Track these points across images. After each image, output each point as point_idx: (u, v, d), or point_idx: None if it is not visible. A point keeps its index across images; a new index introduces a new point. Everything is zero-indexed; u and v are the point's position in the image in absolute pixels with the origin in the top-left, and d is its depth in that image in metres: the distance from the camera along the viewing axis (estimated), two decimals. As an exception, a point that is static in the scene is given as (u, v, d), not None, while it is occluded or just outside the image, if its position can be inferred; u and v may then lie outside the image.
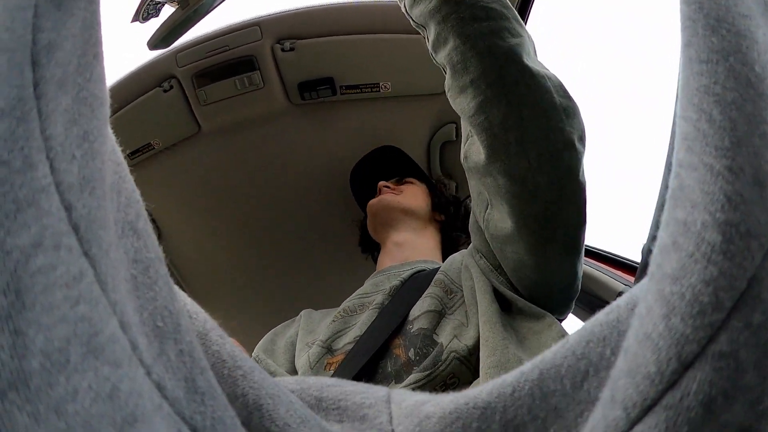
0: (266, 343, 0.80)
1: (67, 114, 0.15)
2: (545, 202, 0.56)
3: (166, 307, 0.17)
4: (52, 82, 0.15)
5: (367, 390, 0.26)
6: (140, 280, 0.17)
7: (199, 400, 0.16)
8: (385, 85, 1.07)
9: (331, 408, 0.25)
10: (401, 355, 0.62)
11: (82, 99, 0.16)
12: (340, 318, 0.74)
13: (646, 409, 0.17)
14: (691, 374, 0.16)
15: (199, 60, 0.99)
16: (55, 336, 0.13)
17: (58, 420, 0.12)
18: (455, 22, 0.54)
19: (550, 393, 0.22)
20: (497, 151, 0.56)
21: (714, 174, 0.17)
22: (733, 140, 0.17)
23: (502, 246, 0.64)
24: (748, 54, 0.18)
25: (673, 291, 0.17)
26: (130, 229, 0.18)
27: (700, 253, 0.17)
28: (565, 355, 0.23)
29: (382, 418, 0.24)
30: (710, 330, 0.16)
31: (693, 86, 0.19)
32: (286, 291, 1.32)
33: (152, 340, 0.16)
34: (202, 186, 1.17)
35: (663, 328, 0.17)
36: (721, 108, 0.18)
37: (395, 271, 0.84)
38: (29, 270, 0.13)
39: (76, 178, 0.15)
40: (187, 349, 0.17)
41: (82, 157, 0.15)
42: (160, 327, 0.17)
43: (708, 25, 0.19)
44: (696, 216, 0.17)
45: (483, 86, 0.54)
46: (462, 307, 0.66)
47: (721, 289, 0.16)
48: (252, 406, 0.20)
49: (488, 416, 0.22)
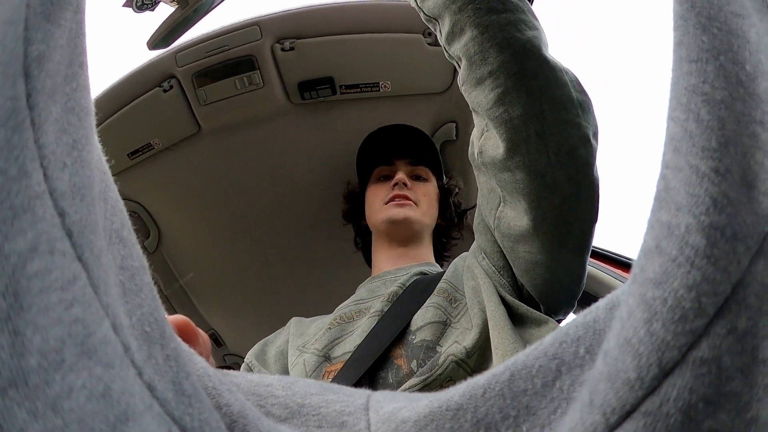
0: (258, 351, 0.80)
1: (57, 123, 0.16)
2: (563, 197, 0.56)
3: (151, 314, 0.18)
4: (43, 93, 0.15)
5: (347, 398, 0.27)
6: (128, 287, 0.17)
7: (186, 402, 0.17)
8: (384, 85, 1.07)
9: (312, 414, 0.25)
10: (403, 366, 0.61)
11: (70, 108, 0.16)
12: (337, 325, 0.73)
13: (625, 414, 0.16)
14: (671, 381, 0.16)
15: (199, 60, 0.99)
16: (50, 336, 0.13)
17: (54, 416, 0.13)
18: (472, 13, 0.53)
19: (520, 392, 0.22)
20: (517, 144, 0.55)
21: (699, 176, 0.17)
22: (720, 141, 0.17)
23: (514, 245, 0.62)
24: (739, 53, 0.18)
25: (655, 296, 0.17)
26: (117, 237, 0.18)
27: (683, 257, 0.16)
28: (537, 356, 0.23)
29: (360, 425, 0.24)
30: (692, 336, 0.16)
31: (682, 85, 0.18)
32: (286, 290, 1.32)
33: (141, 344, 0.16)
34: (201, 186, 1.17)
35: (644, 334, 0.17)
36: (709, 107, 0.17)
37: (391, 276, 0.83)
38: (26, 273, 0.13)
39: (68, 186, 0.15)
40: (173, 354, 0.18)
41: (73, 165, 0.16)
42: (148, 332, 0.17)
43: (699, 24, 0.19)
44: (680, 219, 0.17)
45: (503, 78, 0.54)
46: (466, 315, 0.65)
47: (704, 295, 0.16)
48: (236, 415, 0.21)
49: (460, 416, 0.22)
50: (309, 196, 1.20)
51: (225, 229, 1.23)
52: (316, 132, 1.13)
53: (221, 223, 1.22)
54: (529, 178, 0.56)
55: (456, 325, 0.64)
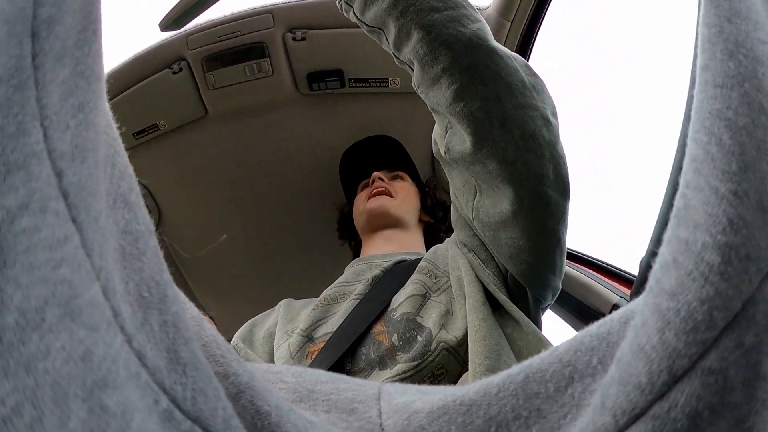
0: (244, 333, 0.80)
1: (64, 86, 0.15)
2: (536, 179, 0.57)
3: (153, 278, 0.17)
4: (51, 54, 0.15)
5: (358, 387, 0.27)
6: (128, 251, 0.17)
7: (180, 371, 0.16)
8: (394, 81, 1.07)
9: (322, 399, 0.25)
10: (384, 341, 0.62)
11: (80, 72, 0.16)
12: (321, 306, 0.74)
13: (635, 417, 0.17)
14: (680, 387, 0.16)
15: (210, 44, 0.99)
16: (32, 295, 0.13)
17: (27, 376, 0.12)
18: (414, 15, 0.54)
19: (533, 394, 0.22)
20: (483, 136, 0.56)
21: (719, 197, 0.17)
22: (740, 165, 0.18)
23: (495, 233, 0.63)
24: (763, 81, 0.19)
25: (670, 306, 0.17)
26: (122, 201, 0.18)
27: (698, 272, 0.17)
28: (552, 361, 0.23)
29: (372, 413, 0.25)
30: (702, 347, 0.16)
31: (706, 109, 0.19)
32: (284, 278, 1.32)
33: (136, 310, 0.16)
34: (204, 170, 1.17)
35: (657, 341, 0.17)
36: (731, 133, 0.18)
37: (377, 261, 0.84)
38: (13, 230, 0.13)
39: (69, 147, 0.15)
40: (171, 320, 0.17)
41: (76, 127, 0.15)
42: (146, 297, 0.17)
43: (726, 50, 0.19)
44: (698, 236, 0.18)
45: (456, 73, 0.54)
46: (447, 292, 0.66)
47: (716, 309, 0.16)
48: (244, 385, 0.20)
49: (473, 412, 0.23)
50: (311, 186, 1.20)
51: (225, 215, 1.23)
52: (321, 123, 1.13)
53: (222, 207, 1.22)
54: (500, 165, 0.56)
55: (435, 299, 0.65)
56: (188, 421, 0.16)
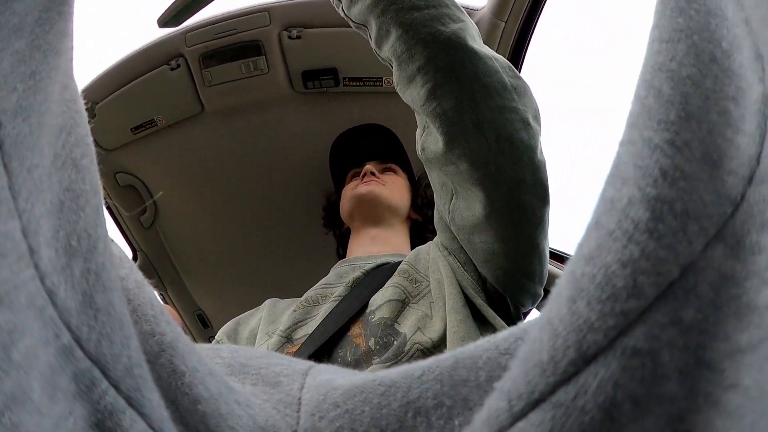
0: (229, 330, 0.80)
1: (18, 55, 0.16)
2: (510, 183, 0.56)
3: (86, 230, 0.17)
4: (7, 27, 0.16)
5: (290, 363, 0.26)
6: (67, 205, 0.17)
7: (91, 315, 0.16)
8: (388, 80, 1.08)
9: (251, 373, 0.25)
10: (361, 344, 0.61)
11: (36, 46, 0.17)
12: (302, 308, 0.73)
13: (533, 403, 0.14)
14: (592, 370, 0.14)
15: (208, 41, 1.01)
16: None
17: None
18: (395, 13, 0.54)
19: (461, 381, 0.20)
20: (455, 136, 0.55)
21: (651, 147, 0.15)
22: (681, 114, 0.15)
23: (469, 237, 0.63)
24: (716, 31, 0.17)
25: (585, 272, 0.15)
26: (72, 163, 0.18)
27: (620, 231, 0.14)
28: (486, 348, 0.21)
29: (294, 386, 0.24)
30: (622, 319, 0.14)
31: (649, 65, 0.17)
32: (276, 275, 1.34)
33: (61, 255, 0.16)
34: (201, 165, 1.18)
35: (565, 313, 0.15)
36: (673, 83, 0.16)
37: (361, 262, 0.83)
38: None
39: (13, 106, 0.15)
40: (95, 268, 0.17)
41: (24, 91, 0.16)
42: (73, 245, 0.17)
43: (677, 7, 0.17)
44: (624, 192, 0.15)
45: (431, 72, 0.54)
46: (427, 298, 0.65)
47: (642, 273, 0.14)
48: (166, 345, 0.20)
49: (390, 394, 0.21)
50: (305, 184, 1.21)
51: (220, 211, 1.25)
52: (316, 121, 1.14)
53: (217, 203, 1.24)
54: (472, 167, 0.56)
55: (414, 306, 0.64)
56: (88, 360, 0.16)
